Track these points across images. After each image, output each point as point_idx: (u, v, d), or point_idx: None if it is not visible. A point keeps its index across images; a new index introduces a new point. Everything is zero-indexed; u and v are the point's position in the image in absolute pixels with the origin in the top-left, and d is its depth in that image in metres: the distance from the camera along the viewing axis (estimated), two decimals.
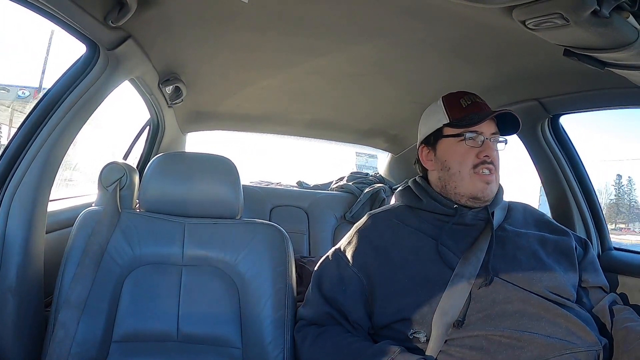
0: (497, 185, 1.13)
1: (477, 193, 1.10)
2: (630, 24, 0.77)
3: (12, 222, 1.06)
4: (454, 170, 1.12)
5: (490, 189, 1.10)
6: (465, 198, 1.11)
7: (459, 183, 1.11)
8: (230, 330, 1.17)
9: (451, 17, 1.06)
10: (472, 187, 1.10)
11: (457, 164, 1.12)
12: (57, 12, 0.99)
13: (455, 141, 1.12)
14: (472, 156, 1.10)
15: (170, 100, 1.85)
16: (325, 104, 2.06)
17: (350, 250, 1.13)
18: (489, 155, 1.10)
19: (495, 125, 1.13)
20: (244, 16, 1.19)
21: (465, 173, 1.10)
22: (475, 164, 1.10)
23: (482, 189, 1.09)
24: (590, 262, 1.14)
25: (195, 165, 1.26)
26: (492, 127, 1.12)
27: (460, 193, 1.11)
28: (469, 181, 1.10)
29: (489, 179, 1.10)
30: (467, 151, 1.11)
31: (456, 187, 1.12)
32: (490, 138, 1.11)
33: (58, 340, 1.06)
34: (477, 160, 1.10)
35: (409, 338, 1.00)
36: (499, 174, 1.13)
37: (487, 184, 1.09)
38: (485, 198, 1.10)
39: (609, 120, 22.86)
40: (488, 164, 1.09)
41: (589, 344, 0.93)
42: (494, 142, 1.12)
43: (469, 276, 1.00)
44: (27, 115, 1.13)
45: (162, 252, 1.20)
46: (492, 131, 1.12)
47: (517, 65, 1.33)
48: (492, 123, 1.12)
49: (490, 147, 1.11)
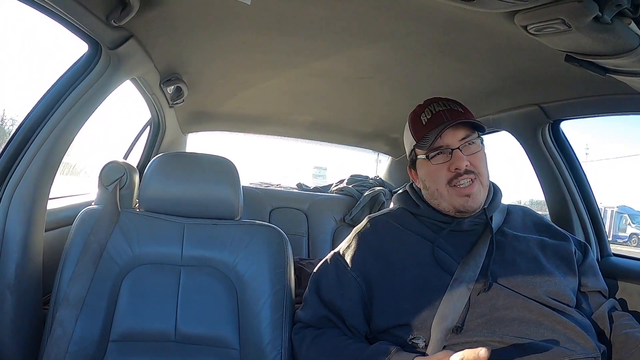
0: (483, 190, 1.09)
1: (459, 207, 1.07)
2: (631, 31, 0.77)
3: (11, 220, 1.06)
4: (432, 189, 1.10)
5: (473, 200, 1.06)
6: (451, 212, 1.09)
7: (440, 200, 1.09)
8: (228, 331, 1.16)
9: (453, 21, 1.06)
10: (452, 202, 1.07)
11: (432, 184, 1.09)
12: (60, 10, 0.99)
13: (425, 161, 1.10)
14: (444, 171, 1.07)
15: (172, 100, 1.86)
16: (326, 107, 2.06)
17: (350, 254, 1.12)
18: (459, 167, 1.05)
19: (467, 127, 1.07)
20: (246, 17, 1.19)
21: (443, 190, 1.07)
22: (449, 179, 1.06)
23: (462, 202, 1.06)
24: (590, 267, 1.14)
25: (196, 165, 1.26)
26: (459, 134, 1.06)
27: (445, 209, 1.10)
28: (447, 197, 1.07)
29: (467, 192, 1.05)
30: (438, 169, 1.07)
31: (439, 205, 1.10)
32: (460, 146, 1.06)
33: (56, 338, 1.06)
34: (450, 175, 1.06)
35: (408, 343, 0.99)
36: (485, 176, 1.08)
37: (467, 197, 1.06)
38: (470, 210, 1.07)
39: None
40: (463, 174, 1.05)
41: (587, 351, 0.93)
42: (467, 146, 1.07)
43: (468, 281, 1.00)
44: (28, 112, 1.13)
45: (161, 252, 1.20)
46: (459, 137, 1.06)
47: (518, 71, 1.33)
48: (459, 128, 1.07)
49: (459, 158, 1.05)
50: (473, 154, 1.07)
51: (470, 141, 1.07)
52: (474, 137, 1.08)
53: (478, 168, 1.07)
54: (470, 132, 1.08)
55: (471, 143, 1.07)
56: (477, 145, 1.09)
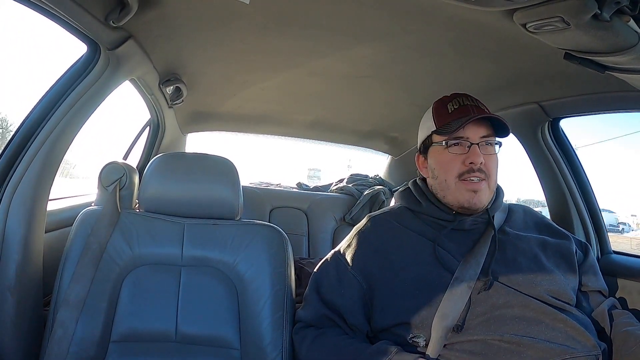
0: (489, 192, 1.09)
1: (464, 203, 1.06)
2: (630, 28, 0.77)
3: (11, 221, 1.06)
4: (441, 179, 1.10)
5: (479, 198, 1.06)
6: (455, 207, 1.09)
7: (447, 192, 1.09)
8: (229, 331, 1.16)
9: (452, 19, 1.06)
10: (458, 196, 1.07)
11: (443, 173, 1.09)
12: (59, 11, 0.99)
13: (441, 149, 1.09)
14: (458, 164, 1.07)
15: (171, 100, 1.86)
16: (325, 106, 2.06)
17: (350, 253, 1.12)
18: (474, 161, 1.05)
19: (489, 127, 1.08)
20: (245, 17, 1.19)
21: (451, 182, 1.07)
22: (461, 172, 1.06)
23: (468, 198, 1.06)
24: (590, 266, 1.14)
25: (195, 165, 1.26)
26: (481, 131, 1.07)
27: (449, 202, 1.09)
28: (454, 190, 1.07)
29: (476, 187, 1.05)
30: (452, 159, 1.07)
31: (445, 197, 1.10)
32: (479, 142, 1.06)
33: (56, 339, 1.06)
34: (463, 168, 1.06)
35: (409, 342, 0.99)
36: (493, 180, 1.08)
37: (474, 193, 1.05)
38: (474, 207, 1.07)
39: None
40: (476, 171, 1.05)
41: (588, 349, 0.93)
42: (485, 146, 1.07)
43: (468, 280, 1.00)
44: (28, 113, 1.13)
45: (161, 252, 1.20)
46: (481, 134, 1.07)
47: (517, 68, 1.33)
48: (481, 126, 1.07)
49: (476, 153, 1.05)
50: (489, 155, 1.08)
51: (490, 142, 1.08)
52: (494, 140, 1.09)
53: (489, 170, 1.07)
54: (491, 133, 1.08)
55: (489, 144, 1.08)
56: (494, 148, 1.09)
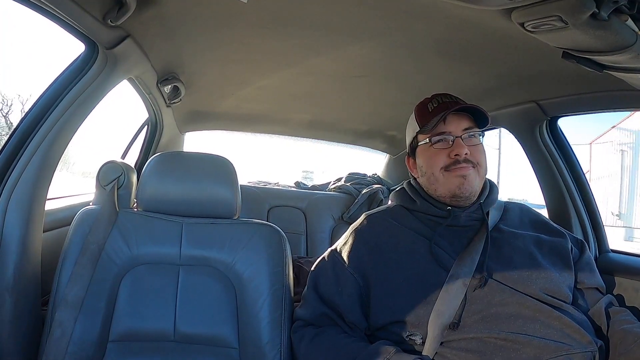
0: (480, 179, 1.11)
1: (455, 190, 1.08)
2: (628, 27, 0.77)
3: (9, 220, 1.06)
4: (428, 174, 1.12)
5: (469, 183, 1.08)
6: (447, 198, 1.11)
7: (437, 185, 1.11)
8: (227, 330, 1.16)
9: (450, 18, 1.06)
10: (448, 185, 1.09)
11: (429, 168, 1.12)
12: (56, 10, 0.99)
13: (427, 146, 1.12)
14: (444, 157, 1.09)
15: (169, 99, 1.85)
16: (323, 105, 2.06)
17: (347, 251, 1.13)
18: (459, 153, 1.07)
19: (470, 119, 1.11)
20: (243, 16, 1.19)
21: (438, 174, 1.10)
22: (447, 164, 1.09)
23: (458, 184, 1.08)
24: (586, 263, 1.14)
25: (193, 165, 1.26)
26: (462, 124, 1.10)
27: (441, 195, 1.11)
28: (443, 181, 1.10)
29: (464, 172, 1.07)
30: (437, 153, 1.10)
31: (436, 190, 1.12)
32: (462, 135, 1.09)
33: (55, 339, 1.06)
34: (448, 161, 1.09)
35: (405, 340, 1.00)
36: (482, 169, 1.11)
37: (463, 178, 1.08)
38: (465, 193, 1.09)
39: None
40: (462, 162, 1.08)
41: (584, 346, 0.93)
42: (468, 138, 1.10)
43: (464, 277, 1.00)
44: (26, 113, 1.13)
45: (160, 251, 1.20)
46: (463, 127, 1.10)
47: (515, 67, 1.33)
48: (463, 119, 1.11)
49: (460, 145, 1.08)
50: (473, 146, 1.10)
51: (473, 133, 1.11)
52: (476, 131, 1.12)
53: (477, 158, 1.10)
54: (473, 125, 1.11)
55: (473, 135, 1.11)
56: (478, 139, 1.12)
